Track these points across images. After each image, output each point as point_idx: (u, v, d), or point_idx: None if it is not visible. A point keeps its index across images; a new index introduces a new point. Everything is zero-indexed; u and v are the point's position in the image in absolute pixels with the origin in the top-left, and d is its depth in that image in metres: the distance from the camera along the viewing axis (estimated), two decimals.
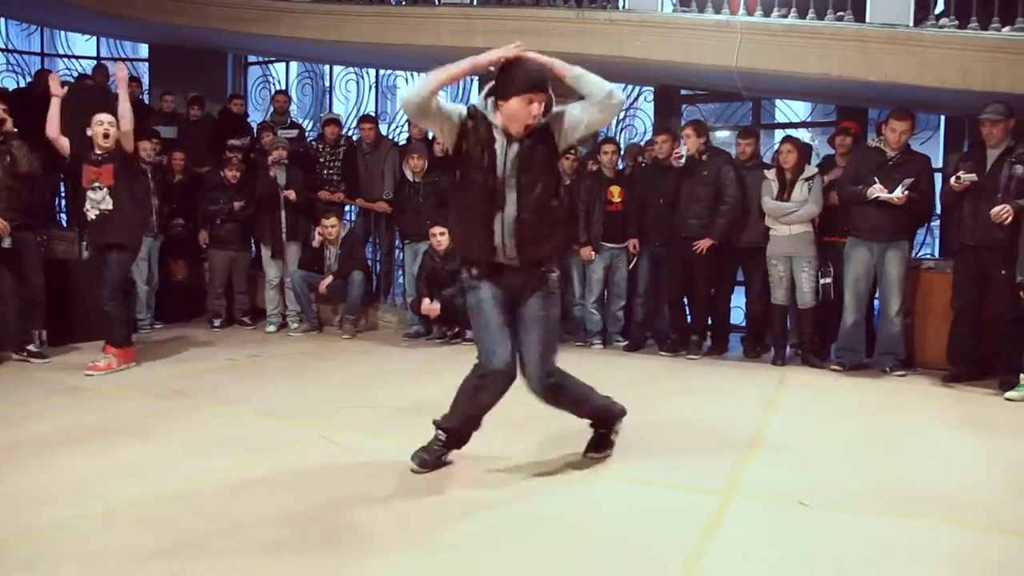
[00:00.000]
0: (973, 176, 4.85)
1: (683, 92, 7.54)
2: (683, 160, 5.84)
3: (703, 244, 5.68)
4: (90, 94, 6.88)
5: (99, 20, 8.72)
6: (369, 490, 2.93)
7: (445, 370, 5.30)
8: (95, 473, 3.09)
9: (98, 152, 5.17)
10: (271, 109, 8.27)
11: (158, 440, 3.57)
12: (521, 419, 3.47)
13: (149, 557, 2.33)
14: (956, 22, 5.39)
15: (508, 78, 2.88)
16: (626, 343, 6.25)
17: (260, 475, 3.10)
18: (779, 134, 7.53)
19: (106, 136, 5.13)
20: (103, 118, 5.16)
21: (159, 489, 2.91)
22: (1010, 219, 4.65)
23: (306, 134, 8.21)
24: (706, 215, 5.71)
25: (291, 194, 6.79)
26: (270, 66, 9.84)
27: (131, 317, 5.69)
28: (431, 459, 3.15)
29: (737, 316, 6.45)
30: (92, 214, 5.18)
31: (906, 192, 5.08)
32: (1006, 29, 5.20)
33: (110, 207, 5.13)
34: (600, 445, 3.32)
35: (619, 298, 6.31)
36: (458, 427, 3.17)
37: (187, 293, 7.40)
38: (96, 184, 5.14)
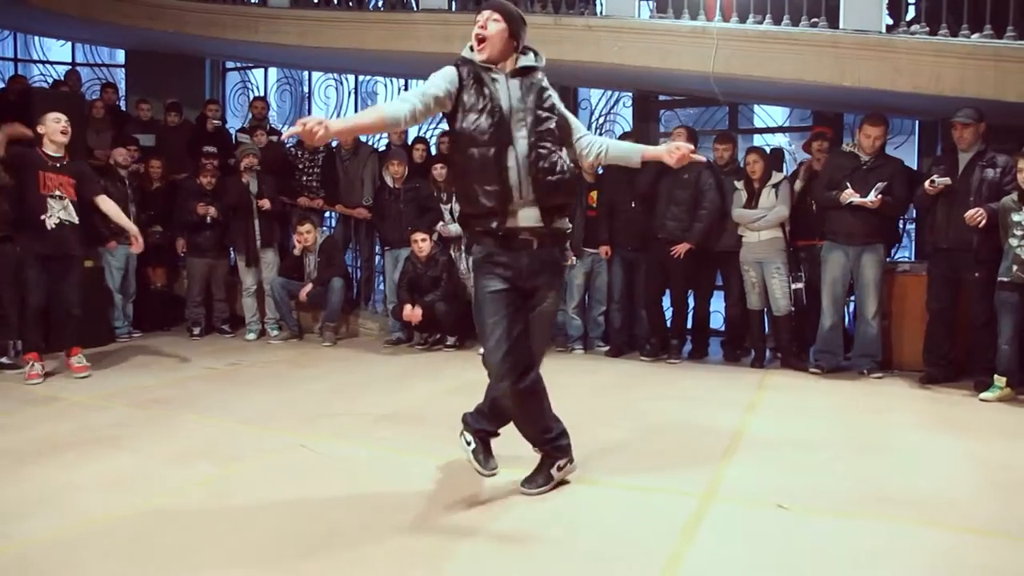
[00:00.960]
0: (947, 180, 4.93)
1: (661, 97, 7.59)
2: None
3: (680, 248, 5.72)
4: (64, 100, 6.80)
5: (74, 25, 8.63)
6: (348, 498, 2.91)
7: (427, 377, 5.31)
8: (70, 485, 3.05)
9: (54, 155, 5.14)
10: (249, 115, 8.21)
11: (135, 450, 3.53)
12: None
13: (126, 569, 2.31)
14: (927, 29, 5.47)
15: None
16: (607, 348, 6.26)
17: (239, 484, 3.08)
18: (757, 139, 7.60)
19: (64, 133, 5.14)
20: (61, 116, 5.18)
21: (136, 500, 2.88)
22: (984, 222, 4.73)
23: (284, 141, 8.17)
24: (684, 218, 5.75)
25: (265, 203, 6.76)
26: (248, 72, 9.79)
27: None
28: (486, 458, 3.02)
29: (716, 320, 6.50)
30: (51, 223, 5.13)
31: (879, 196, 5.16)
32: (975, 36, 5.28)
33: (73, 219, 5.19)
34: (538, 477, 3.03)
35: (600, 303, 6.33)
36: (498, 426, 3.08)
37: (166, 301, 7.34)
38: (57, 194, 5.13)
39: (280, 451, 3.53)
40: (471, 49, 2.88)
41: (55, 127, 5.12)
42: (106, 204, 5.39)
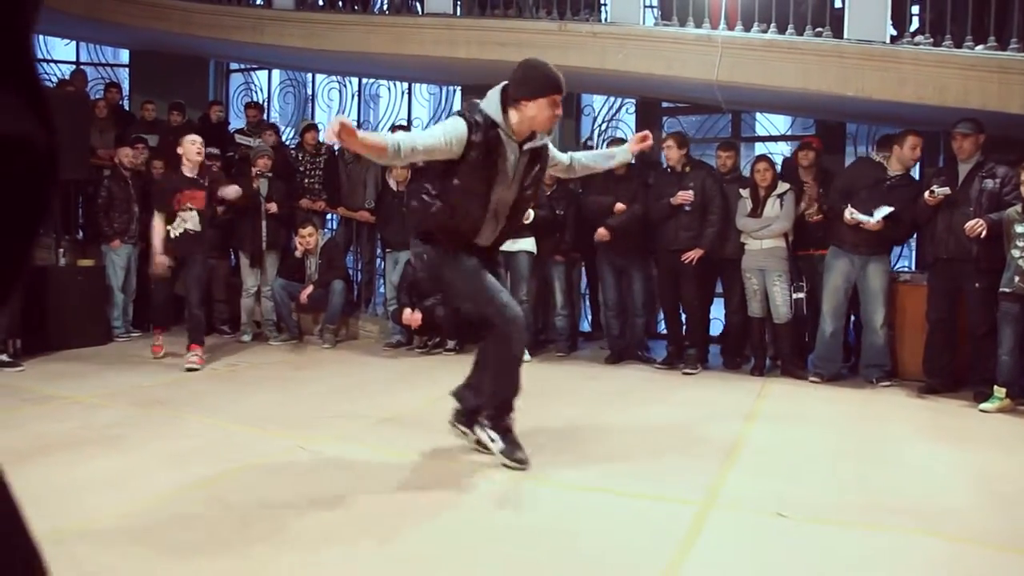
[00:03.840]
0: (946, 189, 4.94)
1: (664, 104, 7.60)
2: (689, 208, 5.75)
3: (693, 255, 5.71)
4: (69, 100, 6.81)
5: (79, 25, 8.65)
6: (346, 501, 2.91)
7: (426, 380, 5.31)
8: (67, 485, 3.04)
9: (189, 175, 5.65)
10: (246, 119, 8.23)
11: (134, 450, 3.53)
12: None
13: (124, 570, 2.30)
14: (931, 40, 5.48)
15: (532, 77, 2.89)
16: (608, 355, 6.25)
17: (237, 485, 3.07)
18: (759, 147, 7.61)
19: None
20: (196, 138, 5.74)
21: (134, 500, 2.87)
22: (984, 233, 4.73)
23: (284, 142, 8.19)
24: (695, 226, 5.74)
25: (273, 207, 6.77)
26: (252, 73, 9.81)
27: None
28: (511, 447, 3.24)
29: (716, 327, 6.50)
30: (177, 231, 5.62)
31: (881, 221, 5.15)
32: (979, 47, 5.29)
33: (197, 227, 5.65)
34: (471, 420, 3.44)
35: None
36: (505, 399, 3.25)
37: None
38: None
39: (278, 453, 3.52)
40: (500, 107, 2.90)
41: (191, 148, 5.64)
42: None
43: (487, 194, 2.94)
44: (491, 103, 2.90)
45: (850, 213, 5.23)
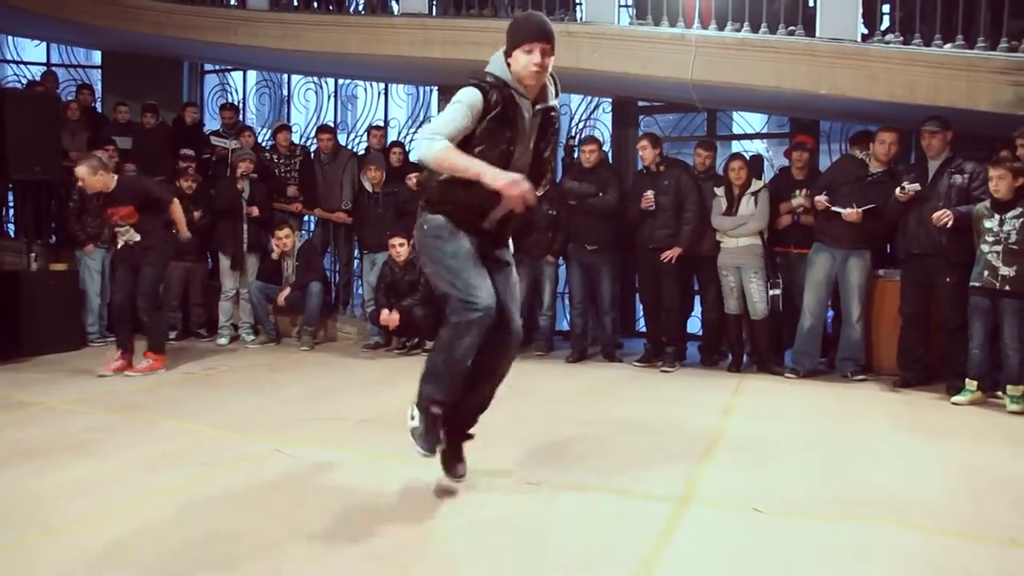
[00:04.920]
0: (916, 186, 5.01)
1: (641, 103, 7.63)
2: (652, 207, 5.77)
3: (672, 253, 5.73)
4: (39, 101, 6.72)
5: (49, 25, 8.53)
6: (324, 504, 2.89)
7: (405, 381, 5.27)
8: (41, 492, 3.00)
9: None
10: (222, 121, 8.16)
11: (107, 456, 3.49)
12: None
13: None
14: (901, 38, 5.55)
15: (512, 28, 2.78)
16: (568, 354, 6.22)
17: (213, 491, 3.04)
18: (735, 145, 7.66)
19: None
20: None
21: (106, 507, 2.84)
22: (950, 223, 4.80)
23: (260, 143, 8.13)
24: (672, 224, 5.77)
25: (254, 211, 6.74)
26: (227, 74, 9.72)
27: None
28: (430, 439, 2.88)
29: (694, 324, 6.54)
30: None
31: (860, 211, 5.21)
32: (947, 46, 5.37)
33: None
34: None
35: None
36: (448, 394, 2.83)
37: None
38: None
39: (255, 457, 3.50)
40: (507, 66, 2.73)
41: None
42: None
43: (510, 153, 2.75)
44: (495, 64, 2.79)
45: (823, 198, 5.30)
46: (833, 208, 5.28)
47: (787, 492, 3.08)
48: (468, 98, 2.72)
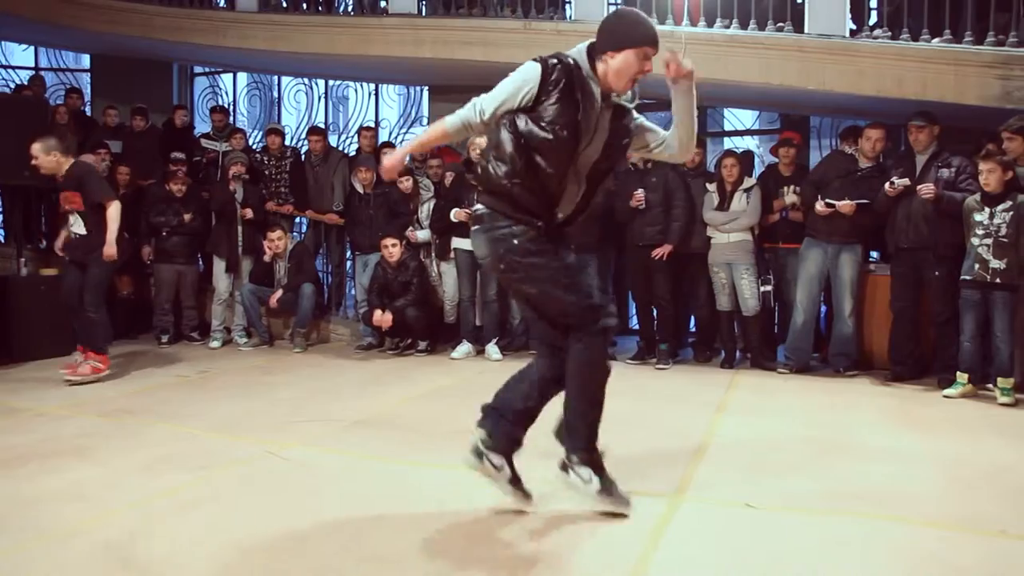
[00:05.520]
0: (906, 180, 5.04)
1: None
2: (643, 205, 5.80)
3: (663, 250, 5.75)
4: (26, 106, 6.69)
5: (37, 29, 8.51)
6: (317, 506, 2.89)
7: (398, 382, 5.30)
8: (35, 497, 3.00)
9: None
10: (212, 124, 8.15)
11: (102, 461, 3.48)
12: (469, 431, 3.46)
13: None
14: (889, 33, 5.58)
15: (622, 25, 2.58)
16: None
17: (207, 493, 3.04)
18: (727, 141, 7.68)
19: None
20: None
21: (102, 511, 2.84)
22: (931, 196, 4.87)
23: (251, 146, 8.13)
24: (661, 220, 5.78)
25: (248, 213, 6.74)
26: (218, 77, 9.70)
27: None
28: (608, 486, 2.72)
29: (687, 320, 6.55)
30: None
31: (854, 203, 5.24)
32: (935, 40, 5.40)
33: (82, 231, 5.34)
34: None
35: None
36: (592, 422, 2.72)
37: (133, 309, 7.24)
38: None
39: (249, 459, 3.49)
40: (588, 60, 2.56)
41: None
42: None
43: (575, 136, 2.53)
44: (578, 51, 2.62)
45: (822, 203, 5.32)
46: (827, 201, 5.30)
47: (779, 487, 3.10)
48: (523, 71, 2.56)
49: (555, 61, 2.54)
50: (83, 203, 5.31)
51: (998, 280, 4.62)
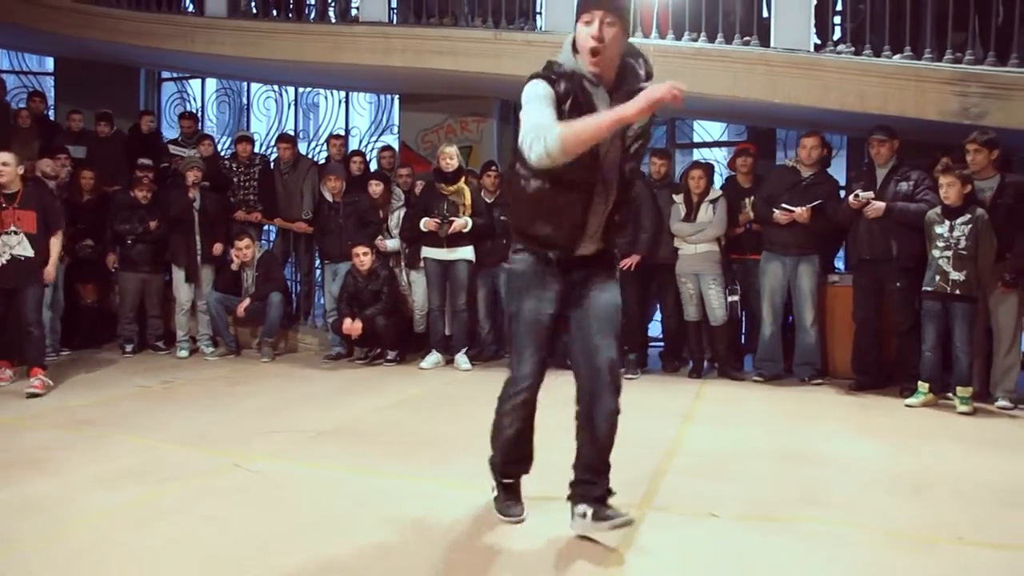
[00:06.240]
0: (870, 194, 5.14)
1: None
2: None
3: (630, 260, 5.78)
4: None
5: None
6: (282, 519, 2.86)
7: (367, 392, 5.26)
8: None
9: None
10: (181, 130, 8.06)
11: (61, 473, 3.41)
12: (438, 441, 3.46)
13: None
14: (852, 49, 5.69)
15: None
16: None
17: (169, 507, 2.99)
18: (695, 153, 7.77)
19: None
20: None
21: (61, 525, 2.78)
22: (878, 215, 5.03)
23: (219, 152, 8.04)
24: (629, 232, 5.81)
25: (218, 248, 6.70)
26: (186, 82, 9.59)
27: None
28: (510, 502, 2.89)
29: (655, 330, 6.59)
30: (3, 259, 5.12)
31: (809, 209, 5.33)
32: (896, 57, 5.51)
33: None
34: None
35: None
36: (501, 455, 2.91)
37: (97, 317, 7.10)
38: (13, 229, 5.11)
39: (213, 472, 3.44)
40: (573, 53, 2.42)
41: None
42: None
43: (584, 178, 2.43)
44: (563, 52, 2.50)
45: (779, 212, 5.41)
46: (783, 206, 5.39)
47: (744, 496, 3.13)
48: (537, 91, 2.40)
49: (554, 76, 2.44)
50: (36, 226, 5.15)
51: (958, 292, 4.72)
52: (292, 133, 8.38)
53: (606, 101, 2.41)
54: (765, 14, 6.14)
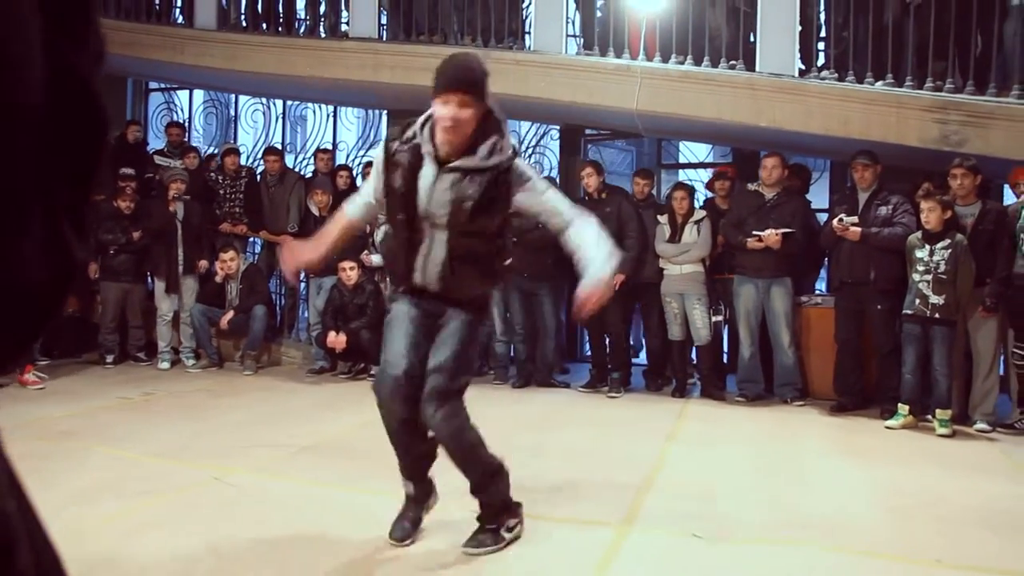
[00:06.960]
0: (855, 219, 5.21)
1: (588, 132, 7.77)
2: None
3: (615, 280, 5.79)
4: None
5: None
6: (262, 534, 2.84)
7: (350, 407, 5.24)
8: None
9: None
10: (168, 139, 8.03)
11: (39, 485, 3.29)
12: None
13: None
14: (836, 75, 5.78)
15: (435, 79, 2.49)
16: (513, 380, 6.20)
17: (148, 520, 2.97)
18: (681, 174, 7.84)
19: None
20: None
21: None
22: (856, 239, 5.10)
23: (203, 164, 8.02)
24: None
25: (203, 265, 6.69)
26: (173, 93, 9.57)
27: None
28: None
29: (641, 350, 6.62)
30: None
31: (779, 234, 5.39)
32: (878, 83, 5.61)
33: None
34: (484, 539, 2.74)
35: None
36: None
37: (78, 327, 7.03)
38: None
39: (193, 485, 3.42)
40: (426, 127, 2.54)
41: None
42: None
43: (405, 218, 2.58)
44: (420, 120, 2.65)
45: (752, 239, 5.47)
46: (754, 233, 5.46)
47: (726, 516, 3.14)
48: (376, 160, 2.77)
49: (399, 140, 2.64)
50: None
51: (937, 315, 4.79)
52: (279, 146, 8.37)
53: (433, 172, 2.53)
54: (751, 39, 6.23)
